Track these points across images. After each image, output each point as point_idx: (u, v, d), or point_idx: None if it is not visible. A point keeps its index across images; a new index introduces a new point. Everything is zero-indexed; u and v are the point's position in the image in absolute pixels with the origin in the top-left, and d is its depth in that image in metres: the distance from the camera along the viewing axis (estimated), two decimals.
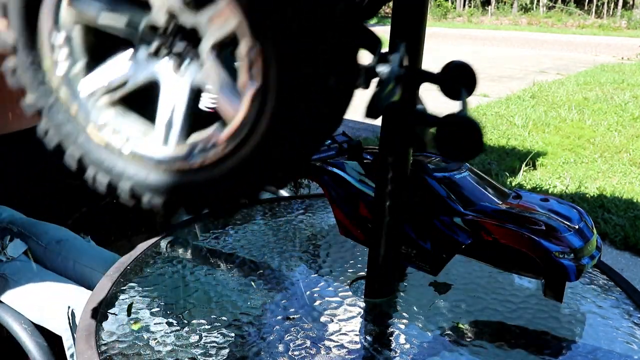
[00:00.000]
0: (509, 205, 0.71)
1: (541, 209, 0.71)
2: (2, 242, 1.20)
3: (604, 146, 4.32)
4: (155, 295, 0.77)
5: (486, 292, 0.79)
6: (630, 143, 4.40)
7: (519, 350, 0.67)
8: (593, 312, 0.75)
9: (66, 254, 1.23)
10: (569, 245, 0.65)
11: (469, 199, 0.71)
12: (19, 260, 1.19)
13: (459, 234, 0.69)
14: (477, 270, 0.85)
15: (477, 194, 0.72)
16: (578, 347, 0.67)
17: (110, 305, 0.74)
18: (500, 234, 0.67)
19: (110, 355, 0.64)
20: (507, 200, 0.73)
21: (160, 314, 0.72)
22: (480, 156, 3.96)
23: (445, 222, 0.70)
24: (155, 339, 0.67)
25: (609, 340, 0.68)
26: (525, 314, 0.74)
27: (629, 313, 0.75)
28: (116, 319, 0.71)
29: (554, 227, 0.66)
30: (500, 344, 0.67)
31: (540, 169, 3.73)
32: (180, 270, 0.84)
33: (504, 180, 3.46)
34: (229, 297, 0.77)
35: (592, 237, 0.68)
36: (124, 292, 0.77)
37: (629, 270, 2.43)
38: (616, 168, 3.76)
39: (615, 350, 0.66)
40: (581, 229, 0.68)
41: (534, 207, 0.71)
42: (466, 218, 0.69)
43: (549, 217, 0.68)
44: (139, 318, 0.71)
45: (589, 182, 3.43)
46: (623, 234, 2.71)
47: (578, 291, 0.80)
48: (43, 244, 1.24)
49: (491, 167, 3.72)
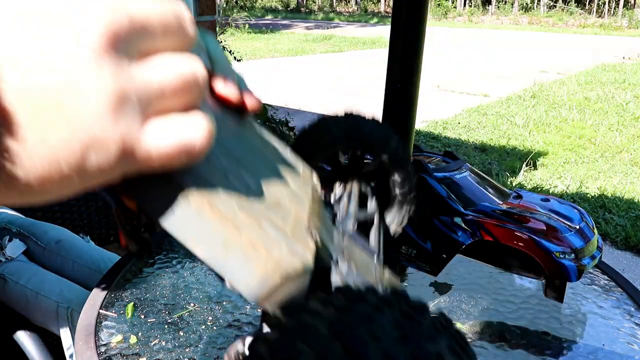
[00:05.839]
0: (509, 205, 0.71)
1: (542, 209, 0.71)
2: (1, 242, 1.20)
3: (605, 146, 4.31)
4: (154, 295, 0.77)
5: (487, 293, 0.79)
6: (632, 143, 4.40)
7: (519, 351, 0.66)
8: (594, 312, 0.75)
9: (65, 254, 1.23)
10: (569, 245, 0.64)
11: (470, 199, 0.71)
12: (18, 261, 1.19)
13: (459, 234, 0.69)
14: (477, 270, 0.85)
15: (477, 194, 0.72)
16: (579, 347, 0.67)
17: (109, 305, 0.74)
18: (501, 234, 0.66)
19: (109, 355, 0.63)
20: (508, 200, 0.73)
21: (159, 314, 0.72)
22: (480, 156, 3.96)
23: (445, 222, 0.70)
24: (155, 339, 0.67)
25: (610, 340, 0.68)
26: (526, 314, 0.73)
27: (630, 314, 0.74)
28: (115, 319, 0.71)
29: (555, 227, 0.66)
30: (501, 344, 0.67)
31: (541, 169, 3.72)
32: (180, 270, 0.84)
33: (505, 180, 3.46)
34: (228, 297, 0.77)
35: (593, 237, 0.68)
36: (123, 292, 0.77)
37: (630, 270, 2.43)
38: (617, 168, 3.76)
39: (617, 351, 0.66)
40: (582, 229, 0.67)
41: (535, 207, 0.71)
42: (466, 218, 0.69)
43: (550, 217, 0.68)
44: (138, 318, 0.71)
45: (589, 182, 3.43)
46: (624, 234, 2.71)
47: (579, 291, 0.80)
48: (42, 244, 1.24)
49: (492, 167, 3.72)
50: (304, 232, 0.25)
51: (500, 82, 7.34)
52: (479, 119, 5.12)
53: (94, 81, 0.16)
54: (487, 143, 4.33)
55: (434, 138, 4.40)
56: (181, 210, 0.20)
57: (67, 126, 0.16)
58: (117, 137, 0.17)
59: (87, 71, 0.16)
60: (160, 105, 0.19)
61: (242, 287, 0.21)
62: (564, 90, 6.59)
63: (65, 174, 0.17)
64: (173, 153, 0.19)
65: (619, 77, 7.59)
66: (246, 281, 0.21)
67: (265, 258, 0.21)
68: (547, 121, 5.08)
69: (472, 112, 5.42)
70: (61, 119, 0.16)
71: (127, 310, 0.72)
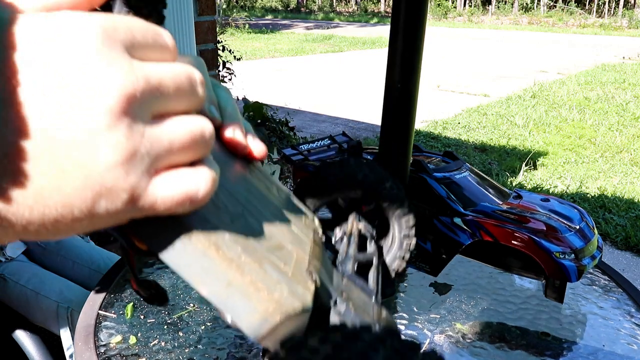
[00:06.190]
0: (509, 206, 0.71)
1: (542, 209, 0.70)
2: None
3: (605, 146, 4.31)
4: None
5: (486, 293, 0.79)
6: (632, 143, 4.40)
7: (519, 351, 0.66)
8: (594, 313, 0.74)
9: (65, 254, 1.23)
10: (569, 245, 0.64)
11: (469, 199, 0.71)
12: (18, 261, 1.19)
13: (459, 234, 0.69)
14: (477, 270, 0.85)
15: (477, 194, 0.72)
16: (579, 348, 0.67)
17: (109, 306, 0.74)
18: (500, 234, 0.66)
19: (109, 355, 0.63)
20: (508, 200, 0.73)
21: (159, 315, 0.72)
22: (480, 156, 3.96)
23: (445, 223, 0.70)
24: (155, 340, 0.67)
25: (610, 341, 0.68)
26: (526, 314, 0.73)
27: (630, 314, 0.74)
28: (115, 320, 0.71)
29: (555, 228, 0.66)
30: (501, 344, 0.67)
31: (541, 169, 3.72)
32: None
33: (505, 180, 3.45)
34: None
35: (593, 237, 0.68)
36: (123, 292, 0.77)
37: (630, 270, 2.43)
38: (617, 168, 3.76)
39: (617, 352, 0.66)
40: (582, 230, 0.67)
41: (535, 207, 0.71)
42: (466, 218, 0.69)
43: (550, 217, 0.68)
44: (138, 318, 0.71)
45: (590, 182, 3.43)
46: (624, 234, 2.70)
47: (579, 292, 0.79)
48: (42, 244, 1.24)
49: (492, 167, 3.72)
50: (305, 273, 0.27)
51: (500, 82, 7.33)
52: (479, 119, 5.12)
53: (108, 139, 0.18)
54: (487, 143, 4.33)
55: (434, 138, 4.40)
56: (188, 251, 0.22)
57: (81, 177, 0.18)
58: (127, 187, 0.19)
59: (103, 130, 0.18)
60: (168, 161, 0.21)
61: (244, 325, 0.23)
62: (564, 90, 6.59)
63: (76, 217, 0.19)
64: (177, 201, 0.21)
65: (619, 77, 7.58)
66: (248, 320, 0.23)
67: (266, 298, 0.23)
68: (547, 121, 5.08)
69: (472, 112, 5.42)
70: (76, 170, 0.18)
71: (126, 311, 0.72)
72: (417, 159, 0.75)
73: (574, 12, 23.50)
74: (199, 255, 0.22)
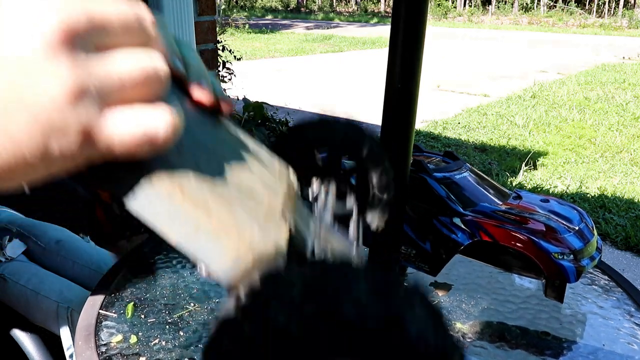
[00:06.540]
0: (508, 206, 0.71)
1: (541, 209, 0.71)
2: (1, 242, 1.20)
3: (605, 146, 4.31)
4: (154, 295, 0.77)
5: (486, 293, 0.79)
6: (632, 143, 4.40)
7: (519, 351, 0.66)
8: (594, 312, 0.75)
9: (65, 254, 1.23)
10: (568, 246, 0.64)
11: (469, 199, 0.71)
12: (18, 261, 1.19)
13: (459, 234, 0.69)
14: (477, 270, 0.85)
15: (477, 194, 0.72)
16: (579, 347, 0.67)
17: (109, 305, 0.74)
18: (500, 234, 0.66)
19: (109, 355, 0.64)
20: (507, 200, 0.73)
21: (159, 314, 0.72)
22: (480, 156, 3.96)
23: (444, 223, 0.70)
24: (155, 339, 0.67)
25: (610, 340, 0.68)
26: (526, 314, 0.73)
27: (630, 314, 0.74)
28: (115, 319, 0.71)
29: (554, 228, 0.66)
30: (501, 344, 0.67)
31: (541, 169, 3.72)
32: (180, 270, 0.84)
33: (505, 180, 3.45)
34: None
35: (593, 238, 0.68)
36: (123, 292, 0.77)
37: (630, 270, 2.43)
38: (617, 168, 3.76)
39: (617, 351, 0.66)
40: (581, 230, 0.67)
41: (534, 208, 0.71)
42: (465, 218, 0.69)
43: (549, 218, 0.68)
44: (138, 318, 0.71)
45: (589, 182, 3.43)
46: (624, 234, 2.70)
47: (579, 292, 0.80)
48: (42, 244, 1.24)
49: (492, 167, 3.72)
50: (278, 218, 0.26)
51: (500, 82, 7.34)
52: (479, 119, 5.12)
53: (50, 72, 0.17)
54: (487, 143, 4.33)
55: (434, 138, 4.40)
56: (152, 195, 0.21)
57: (26, 116, 0.17)
58: (76, 123, 0.18)
59: (43, 63, 0.17)
60: (120, 96, 0.20)
61: (217, 269, 0.22)
62: (564, 90, 6.59)
63: (29, 161, 0.18)
64: (135, 141, 0.20)
65: (619, 77, 7.58)
66: (219, 263, 0.22)
67: (237, 239, 0.22)
68: (547, 121, 5.08)
69: (472, 112, 5.42)
70: (20, 110, 0.17)
71: (127, 310, 0.72)
72: (417, 159, 0.76)
73: (574, 12, 23.50)
74: (164, 200, 0.21)
